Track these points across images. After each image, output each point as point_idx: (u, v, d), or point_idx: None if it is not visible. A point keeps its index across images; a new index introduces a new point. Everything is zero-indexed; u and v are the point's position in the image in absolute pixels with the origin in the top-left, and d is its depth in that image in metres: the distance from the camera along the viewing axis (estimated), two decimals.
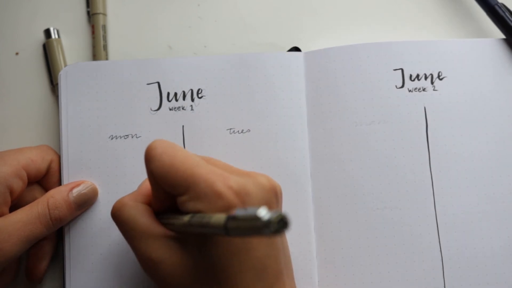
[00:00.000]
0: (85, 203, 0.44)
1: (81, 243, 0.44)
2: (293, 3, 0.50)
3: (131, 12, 0.51)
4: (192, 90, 0.46)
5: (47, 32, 0.49)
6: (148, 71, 0.46)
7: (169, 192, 0.35)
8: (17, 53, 0.50)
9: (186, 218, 0.33)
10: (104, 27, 0.50)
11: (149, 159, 0.35)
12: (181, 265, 0.35)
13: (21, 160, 0.42)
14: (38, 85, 0.49)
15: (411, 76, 0.46)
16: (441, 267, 0.43)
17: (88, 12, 0.50)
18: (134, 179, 0.45)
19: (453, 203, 0.44)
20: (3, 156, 0.42)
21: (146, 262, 0.36)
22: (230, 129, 0.45)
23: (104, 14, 0.50)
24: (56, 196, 0.42)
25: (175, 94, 0.46)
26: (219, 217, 0.30)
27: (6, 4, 0.51)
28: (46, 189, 0.45)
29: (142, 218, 0.37)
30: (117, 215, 0.37)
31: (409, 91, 0.46)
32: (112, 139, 0.45)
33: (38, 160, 0.43)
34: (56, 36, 0.49)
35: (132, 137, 0.45)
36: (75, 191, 0.43)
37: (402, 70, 0.46)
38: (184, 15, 0.50)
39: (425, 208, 0.44)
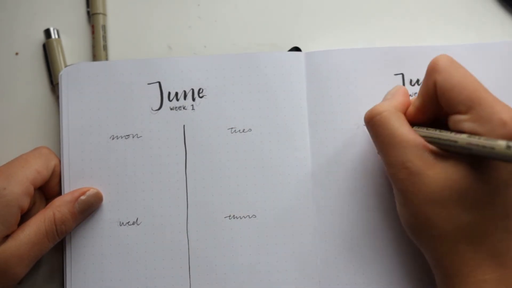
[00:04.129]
0: (89, 210, 0.44)
1: (81, 244, 0.44)
2: (294, 4, 0.50)
3: (131, 12, 0.51)
4: (193, 90, 0.46)
5: (47, 32, 0.49)
6: (149, 71, 0.46)
7: (444, 106, 0.36)
8: (17, 53, 0.50)
9: (462, 136, 0.34)
10: (104, 27, 0.49)
11: (437, 69, 0.36)
12: (442, 181, 0.34)
13: (29, 175, 0.41)
14: (38, 85, 0.49)
15: (411, 81, 0.46)
16: None
17: (88, 12, 0.50)
18: (135, 179, 0.44)
19: None
20: (12, 174, 0.41)
21: (400, 171, 0.36)
22: (231, 128, 0.45)
23: (104, 14, 0.50)
24: (62, 209, 0.42)
25: (176, 93, 0.46)
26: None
27: (5, 4, 0.51)
28: (44, 191, 0.45)
29: (403, 126, 0.37)
30: (377, 120, 0.38)
31: (410, 96, 0.46)
32: (113, 139, 0.45)
33: (44, 171, 0.42)
34: (56, 36, 0.49)
35: (133, 137, 0.45)
36: (81, 200, 0.43)
37: (403, 75, 0.46)
38: (184, 15, 0.50)
39: None
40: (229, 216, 0.44)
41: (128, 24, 0.50)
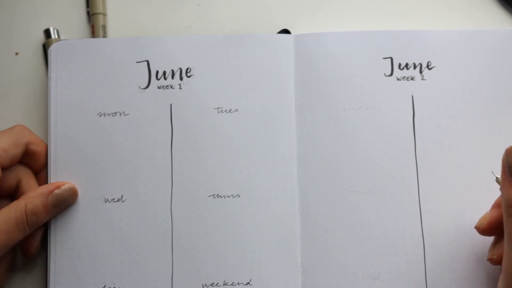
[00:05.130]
0: (63, 204, 0.44)
1: (66, 220, 0.44)
2: (294, 4, 0.50)
3: (131, 12, 0.50)
4: (180, 69, 0.46)
5: (47, 32, 0.49)
6: (138, 49, 0.46)
7: None
8: (17, 53, 0.49)
9: None
10: (104, 27, 0.49)
11: None
12: None
13: None
14: (38, 85, 0.49)
15: (400, 64, 0.46)
16: (423, 252, 0.43)
17: (88, 12, 0.50)
18: (121, 156, 0.45)
19: (437, 190, 0.44)
20: None
21: None
22: (218, 108, 0.45)
23: (104, 14, 0.50)
24: (35, 200, 0.42)
25: (164, 72, 0.46)
26: None
27: (5, 4, 0.50)
28: (32, 168, 0.45)
29: None
30: None
31: (398, 79, 0.46)
32: (100, 116, 0.45)
33: (11, 148, 0.42)
34: (56, 36, 0.49)
35: (120, 114, 0.45)
36: (55, 194, 0.43)
37: (392, 58, 0.46)
38: (184, 15, 0.50)
39: (409, 194, 0.44)
40: (213, 195, 0.44)
41: (128, 24, 0.50)
